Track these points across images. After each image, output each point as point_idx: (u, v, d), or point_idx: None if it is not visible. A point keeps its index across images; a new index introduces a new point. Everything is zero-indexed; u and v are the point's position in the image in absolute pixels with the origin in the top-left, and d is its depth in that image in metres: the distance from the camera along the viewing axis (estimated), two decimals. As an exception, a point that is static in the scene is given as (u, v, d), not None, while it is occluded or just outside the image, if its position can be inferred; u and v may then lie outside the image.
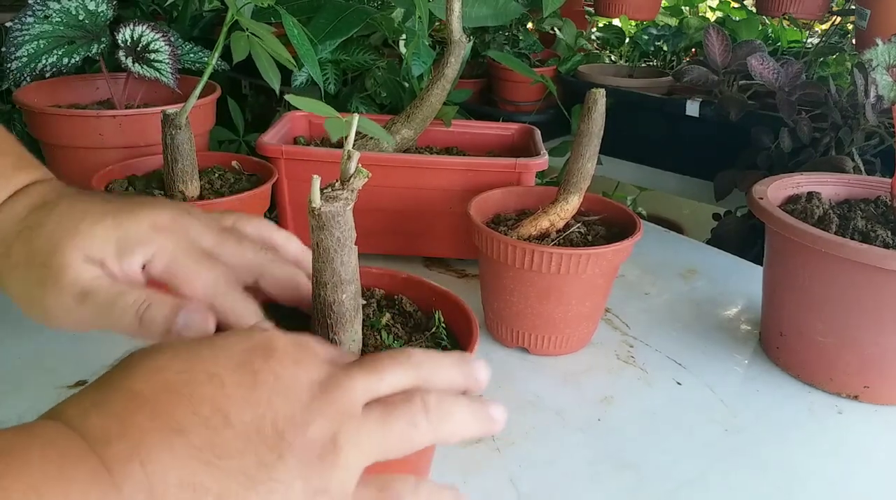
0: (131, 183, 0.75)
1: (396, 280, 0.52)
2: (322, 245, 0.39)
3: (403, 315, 0.49)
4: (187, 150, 0.68)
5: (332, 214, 0.38)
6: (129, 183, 0.74)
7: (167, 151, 0.68)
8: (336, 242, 0.39)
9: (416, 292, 0.51)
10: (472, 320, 0.46)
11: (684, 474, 0.54)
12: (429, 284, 0.51)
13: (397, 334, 0.47)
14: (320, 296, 0.41)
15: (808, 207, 0.69)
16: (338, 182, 0.39)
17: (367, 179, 0.38)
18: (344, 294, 0.41)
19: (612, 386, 0.65)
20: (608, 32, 1.91)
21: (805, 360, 0.66)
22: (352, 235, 0.40)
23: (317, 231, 0.39)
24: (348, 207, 0.38)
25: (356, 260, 0.41)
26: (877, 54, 0.87)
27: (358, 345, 0.44)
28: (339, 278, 0.41)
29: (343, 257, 0.40)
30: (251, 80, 1.98)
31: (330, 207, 0.38)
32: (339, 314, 0.42)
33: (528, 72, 1.09)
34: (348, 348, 0.43)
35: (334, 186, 0.39)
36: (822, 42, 1.46)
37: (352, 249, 0.40)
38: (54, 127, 0.80)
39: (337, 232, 0.39)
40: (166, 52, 0.84)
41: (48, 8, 0.82)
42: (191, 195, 0.71)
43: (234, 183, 0.77)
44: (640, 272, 0.89)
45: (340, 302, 0.41)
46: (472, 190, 0.74)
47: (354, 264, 0.41)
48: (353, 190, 0.39)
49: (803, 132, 1.04)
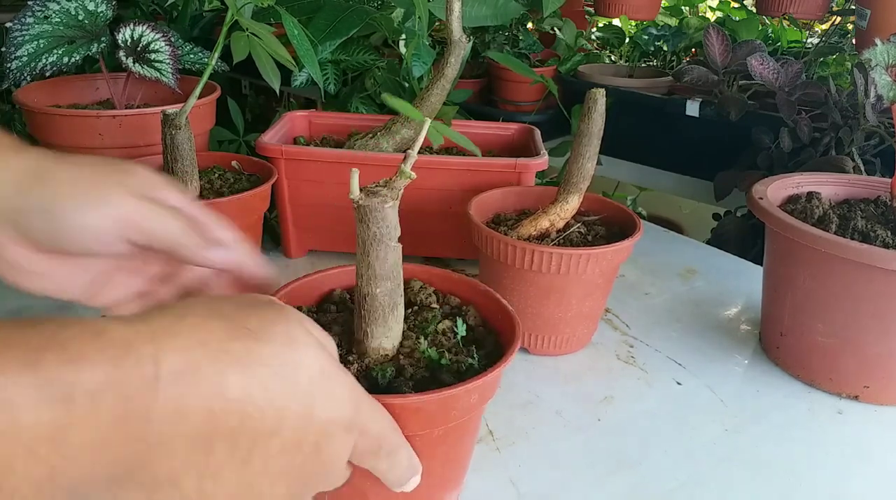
0: None
1: (475, 291, 0.52)
2: (360, 238, 0.41)
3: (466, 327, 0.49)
4: (187, 149, 0.68)
5: (369, 208, 0.39)
6: None
7: (167, 151, 0.68)
8: (372, 237, 0.40)
9: (487, 304, 0.51)
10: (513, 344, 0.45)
11: (684, 474, 0.54)
12: (500, 301, 0.50)
13: (441, 344, 0.46)
14: (358, 286, 0.43)
15: (808, 207, 0.69)
16: (383, 180, 0.41)
17: (409, 180, 0.40)
18: (378, 289, 0.42)
19: (612, 386, 0.65)
20: (608, 32, 1.91)
21: (805, 360, 0.66)
22: (392, 233, 0.41)
23: (357, 224, 0.41)
24: (387, 205, 0.40)
25: (396, 258, 0.42)
26: (876, 54, 0.87)
27: (392, 341, 0.44)
28: (374, 272, 0.41)
29: (379, 252, 0.41)
30: (251, 80, 1.99)
31: (367, 202, 0.39)
32: (373, 308, 0.43)
33: (527, 72, 1.09)
34: (380, 343, 0.44)
35: (378, 184, 0.41)
36: (822, 42, 1.46)
37: (390, 246, 0.41)
38: (54, 127, 0.80)
39: (374, 227, 0.40)
40: (166, 52, 0.84)
41: (48, 8, 0.82)
42: (191, 195, 0.70)
43: (234, 183, 0.77)
44: (639, 272, 0.89)
45: (374, 296, 0.42)
46: (471, 190, 0.74)
47: (393, 261, 0.42)
48: (394, 188, 0.40)
49: (803, 132, 1.04)
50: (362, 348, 0.44)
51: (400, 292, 0.44)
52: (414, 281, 0.52)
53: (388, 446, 0.36)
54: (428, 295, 0.52)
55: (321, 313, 0.50)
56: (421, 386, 0.42)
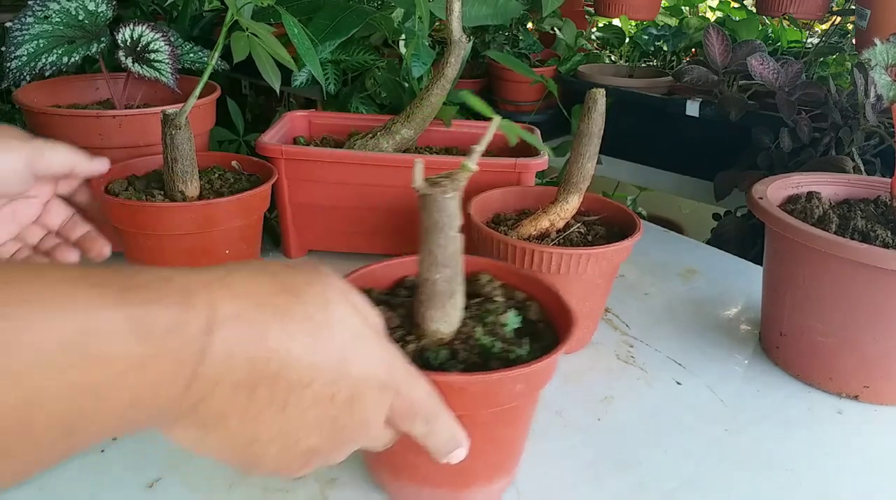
0: (131, 183, 0.75)
1: (540, 287, 0.53)
2: (422, 225, 0.43)
3: (525, 321, 0.50)
4: (187, 150, 0.68)
5: (430, 197, 0.42)
6: (128, 183, 0.74)
7: (167, 151, 0.68)
8: (433, 225, 0.42)
9: (549, 300, 0.52)
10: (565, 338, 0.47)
11: (684, 474, 0.54)
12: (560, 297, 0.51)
13: (497, 334, 0.48)
14: (419, 272, 0.45)
15: (807, 207, 0.69)
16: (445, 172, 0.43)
17: (470, 173, 0.42)
18: (438, 275, 0.44)
19: (612, 386, 0.65)
20: (608, 32, 1.90)
21: (805, 360, 0.66)
22: (452, 223, 0.43)
23: (419, 213, 0.43)
24: (448, 195, 0.42)
25: (456, 247, 0.44)
26: (876, 54, 0.87)
27: (449, 327, 0.46)
28: (434, 258, 0.43)
29: (439, 239, 0.43)
30: (251, 80, 1.99)
31: (429, 192, 0.41)
32: (431, 293, 0.45)
33: (527, 72, 1.09)
34: (437, 327, 0.46)
35: (441, 175, 0.43)
36: (822, 42, 1.46)
37: (450, 235, 0.43)
38: (54, 127, 0.80)
39: (435, 215, 0.42)
40: (166, 52, 0.84)
41: (48, 8, 0.81)
42: (191, 195, 0.71)
43: (234, 183, 0.77)
44: (639, 272, 0.89)
45: (433, 281, 0.44)
46: (471, 190, 0.74)
47: (453, 249, 0.44)
48: (455, 180, 0.42)
49: (803, 132, 1.04)
50: (420, 331, 0.47)
51: (459, 279, 0.45)
52: (483, 274, 0.54)
53: (424, 411, 0.38)
54: (494, 288, 0.53)
55: (391, 296, 0.52)
56: (471, 371, 0.44)
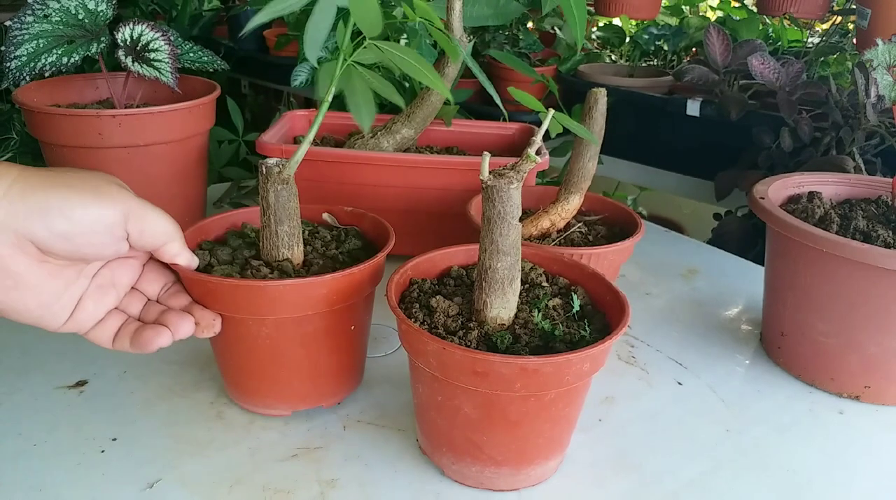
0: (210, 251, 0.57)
1: (583, 273, 0.55)
2: (486, 215, 0.45)
3: (572, 305, 0.53)
4: (293, 209, 0.55)
5: (495, 188, 0.43)
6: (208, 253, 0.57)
7: (269, 211, 0.54)
8: (497, 215, 0.45)
9: (595, 286, 0.54)
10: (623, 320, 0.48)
11: (686, 474, 0.54)
12: (608, 283, 0.53)
13: (554, 318, 0.50)
14: (481, 260, 0.47)
15: (809, 207, 0.69)
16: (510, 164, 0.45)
17: (534, 164, 0.44)
18: (499, 263, 0.46)
19: (613, 387, 0.65)
20: (608, 32, 1.90)
21: (806, 360, 0.66)
22: (514, 212, 0.45)
23: (483, 203, 0.45)
24: (512, 186, 0.44)
25: (517, 236, 0.46)
26: (877, 54, 0.87)
27: (509, 313, 0.49)
28: (497, 247, 0.46)
29: (502, 229, 0.45)
30: (251, 80, 1.99)
31: (494, 183, 0.43)
32: (493, 280, 0.47)
33: (528, 71, 1.08)
34: (498, 313, 0.48)
35: (505, 167, 0.45)
36: (822, 42, 1.46)
37: (512, 224, 0.45)
38: (54, 126, 0.79)
39: (499, 205, 0.44)
40: (166, 51, 0.84)
41: (48, 7, 0.81)
42: (297, 262, 0.56)
43: (343, 242, 0.61)
44: (640, 272, 0.89)
45: (495, 269, 0.46)
46: (472, 190, 0.74)
47: (514, 238, 0.46)
48: (519, 171, 0.44)
49: (804, 132, 1.04)
50: (481, 317, 0.48)
51: (518, 267, 0.47)
52: (525, 262, 0.56)
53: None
54: (538, 275, 0.55)
55: (441, 286, 0.55)
56: (535, 354, 0.46)
